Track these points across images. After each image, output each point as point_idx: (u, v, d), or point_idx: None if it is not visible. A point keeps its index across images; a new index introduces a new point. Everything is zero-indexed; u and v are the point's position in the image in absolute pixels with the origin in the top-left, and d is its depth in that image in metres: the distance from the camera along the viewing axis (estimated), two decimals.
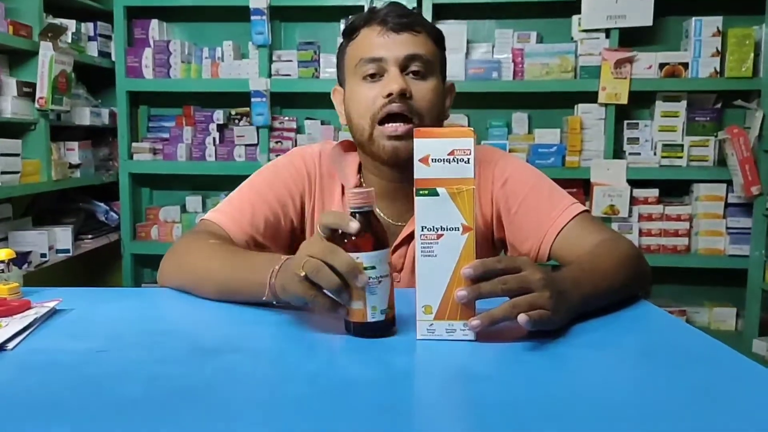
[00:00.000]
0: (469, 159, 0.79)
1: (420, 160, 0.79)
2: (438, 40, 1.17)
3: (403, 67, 1.11)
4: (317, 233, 0.83)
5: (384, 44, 1.11)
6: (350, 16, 1.16)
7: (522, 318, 0.76)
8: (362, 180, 1.22)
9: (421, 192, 0.79)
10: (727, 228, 2.73)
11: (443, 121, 1.20)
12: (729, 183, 2.70)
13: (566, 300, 0.83)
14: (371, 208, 0.82)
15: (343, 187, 1.21)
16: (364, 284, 0.78)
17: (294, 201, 1.21)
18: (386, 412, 0.61)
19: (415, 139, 0.79)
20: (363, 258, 0.80)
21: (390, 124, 1.10)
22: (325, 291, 0.80)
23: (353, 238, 0.80)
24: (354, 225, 0.79)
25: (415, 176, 0.79)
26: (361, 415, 0.60)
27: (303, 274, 0.78)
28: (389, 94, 1.08)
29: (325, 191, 1.22)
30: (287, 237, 1.21)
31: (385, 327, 0.82)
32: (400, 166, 1.13)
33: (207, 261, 1.01)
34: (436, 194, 0.79)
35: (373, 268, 0.80)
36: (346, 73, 1.18)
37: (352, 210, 0.81)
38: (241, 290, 0.94)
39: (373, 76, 1.11)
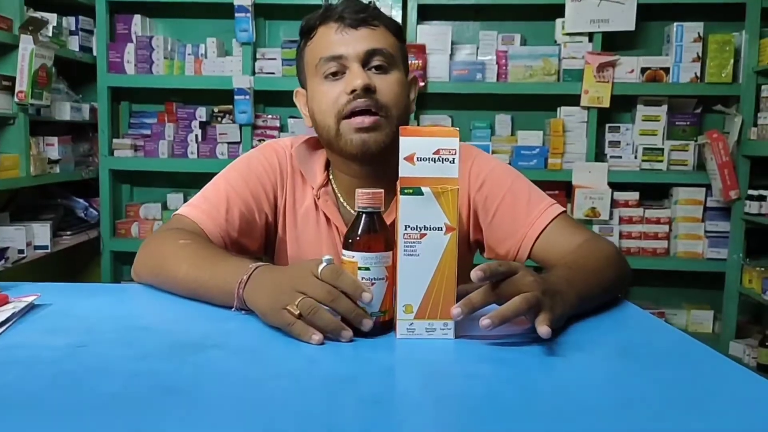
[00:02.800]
0: (453, 159, 0.79)
1: (405, 159, 0.79)
2: (397, 32, 1.15)
3: (365, 63, 1.08)
4: (308, 269, 0.81)
5: (343, 41, 1.09)
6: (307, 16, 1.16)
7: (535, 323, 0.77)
8: (330, 177, 1.20)
9: (405, 191, 0.79)
10: (706, 231, 2.76)
11: (409, 114, 1.19)
12: (708, 187, 2.73)
13: (562, 300, 0.84)
14: (377, 210, 0.82)
15: (313, 188, 1.19)
16: (370, 301, 0.79)
17: (268, 195, 1.18)
18: (368, 408, 0.61)
19: (401, 138, 0.79)
20: (358, 258, 0.80)
21: (356, 117, 1.08)
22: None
23: (357, 238, 0.80)
24: (367, 296, 0.78)
25: (399, 174, 0.79)
26: (343, 411, 0.60)
27: (297, 312, 0.78)
28: (353, 91, 1.06)
29: (296, 187, 1.20)
30: (261, 232, 1.19)
31: (375, 330, 0.81)
32: (368, 161, 1.11)
33: (175, 264, 1.00)
34: (421, 193, 0.79)
35: (367, 269, 0.80)
36: (306, 74, 1.15)
37: (359, 210, 0.82)
38: (209, 298, 0.95)
39: (335, 74, 1.09)
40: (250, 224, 1.16)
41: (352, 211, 1.17)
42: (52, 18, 2.63)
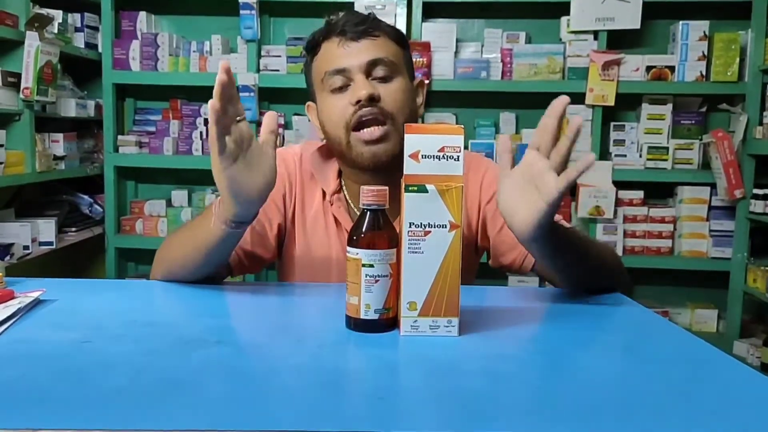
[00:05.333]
0: (458, 156, 0.79)
1: (410, 156, 0.79)
2: (399, 39, 1.18)
3: (368, 73, 1.12)
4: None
5: (345, 54, 1.12)
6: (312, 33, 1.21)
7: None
8: (342, 184, 1.22)
9: (410, 188, 0.79)
10: (710, 231, 2.75)
11: (417, 119, 1.21)
12: (713, 186, 2.72)
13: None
14: (381, 207, 0.82)
15: (324, 192, 1.21)
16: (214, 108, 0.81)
17: (278, 205, 1.20)
18: (372, 404, 0.61)
19: (405, 135, 0.79)
20: (361, 254, 0.80)
21: (365, 129, 1.11)
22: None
23: (362, 235, 0.80)
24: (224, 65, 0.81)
25: (404, 172, 0.79)
26: (347, 407, 0.60)
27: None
28: (358, 101, 1.09)
29: (305, 193, 1.22)
30: (274, 241, 1.21)
31: (379, 327, 0.82)
32: (380, 171, 1.14)
33: (175, 235, 1.09)
34: (425, 191, 0.79)
35: (371, 266, 0.80)
36: (315, 89, 1.19)
37: (363, 207, 0.82)
38: (198, 236, 0.99)
39: (341, 89, 1.13)
40: (261, 236, 1.19)
41: None
42: (57, 15, 2.63)
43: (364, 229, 0.81)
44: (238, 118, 0.86)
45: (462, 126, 0.81)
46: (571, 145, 0.83)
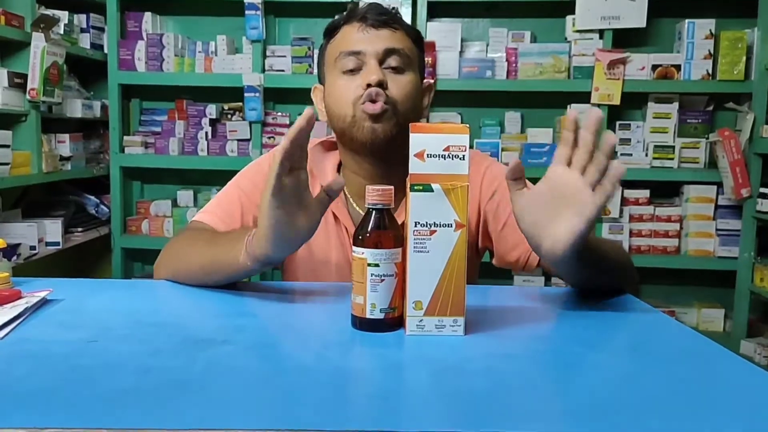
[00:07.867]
0: (463, 155, 0.79)
1: (415, 155, 0.79)
2: (416, 39, 1.20)
3: (381, 61, 1.13)
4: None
5: (363, 39, 1.14)
6: (336, 16, 1.22)
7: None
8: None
9: (415, 187, 0.79)
10: (717, 230, 2.75)
11: (420, 118, 1.21)
12: (719, 185, 2.72)
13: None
14: (386, 207, 0.82)
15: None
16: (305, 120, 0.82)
17: None
18: (377, 403, 0.61)
19: (411, 134, 0.79)
20: (367, 254, 0.80)
21: (368, 104, 1.11)
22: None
23: (367, 234, 0.81)
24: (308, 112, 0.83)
25: (409, 171, 0.79)
26: (352, 407, 0.60)
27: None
28: (368, 85, 1.11)
29: None
30: None
31: (385, 326, 0.82)
32: (378, 153, 1.14)
33: (193, 244, 1.06)
34: (431, 190, 0.79)
35: (377, 266, 0.80)
36: (326, 69, 1.20)
37: (368, 206, 0.82)
38: (221, 260, 0.97)
39: (353, 71, 1.14)
40: None
41: (361, 212, 1.19)
42: (63, 15, 2.65)
43: (369, 229, 0.81)
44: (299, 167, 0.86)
45: (467, 125, 0.81)
46: (608, 162, 0.84)
